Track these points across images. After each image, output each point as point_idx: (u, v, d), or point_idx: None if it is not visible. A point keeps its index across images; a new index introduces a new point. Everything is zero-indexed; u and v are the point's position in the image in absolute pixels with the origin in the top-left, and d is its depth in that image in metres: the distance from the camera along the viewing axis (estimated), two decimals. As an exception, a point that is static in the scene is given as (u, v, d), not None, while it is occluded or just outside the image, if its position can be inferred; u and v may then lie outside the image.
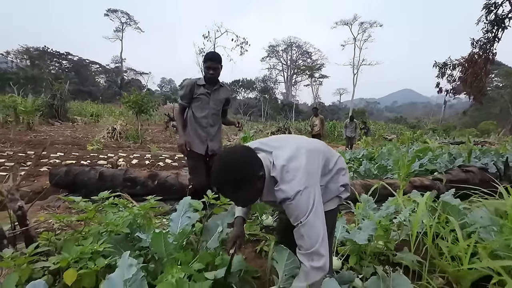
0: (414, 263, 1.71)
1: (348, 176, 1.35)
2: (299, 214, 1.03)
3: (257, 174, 1.08)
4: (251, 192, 1.11)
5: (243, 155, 1.10)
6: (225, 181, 1.05)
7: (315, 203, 1.04)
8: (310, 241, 1.02)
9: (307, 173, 1.08)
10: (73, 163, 5.71)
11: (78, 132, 13.00)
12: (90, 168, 3.28)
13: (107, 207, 1.54)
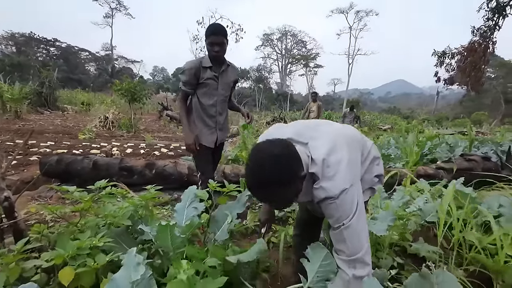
0: (431, 253, 1.64)
1: (382, 166, 1.22)
2: (342, 216, 0.90)
3: (300, 174, 0.91)
4: (291, 194, 0.95)
5: (286, 152, 0.90)
6: (265, 183, 0.88)
7: (359, 204, 0.92)
8: (353, 246, 0.90)
9: (350, 167, 0.94)
10: (65, 152, 5.49)
11: (68, 121, 12.61)
12: (83, 157, 3.11)
13: (105, 198, 1.40)
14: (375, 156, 1.18)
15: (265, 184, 0.88)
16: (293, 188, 0.92)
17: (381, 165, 1.21)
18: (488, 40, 7.43)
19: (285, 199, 0.98)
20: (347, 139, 1.04)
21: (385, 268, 1.46)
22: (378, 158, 1.21)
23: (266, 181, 0.87)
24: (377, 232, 1.47)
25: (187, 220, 1.42)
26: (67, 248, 1.04)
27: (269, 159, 0.87)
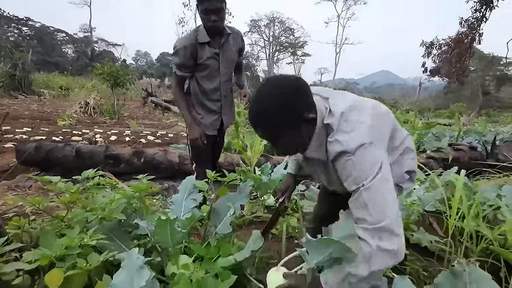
0: (433, 244, 1.63)
1: (416, 162, 1.06)
2: (361, 175, 0.76)
3: (306, 114, 0.82)
4: (296, 138, 0.85)
5: (295, 84, 0.82)
6: (264, 116, 0.81)
7: (383, 167, 0.77)
8: (377, 212, 0.74)
9: (372, 128, 0.81)
10: (43, 139, 5.16)
11: (46, 106, 11.92)
12: (64, 144, 2.90)
13: (93, 189, 1.26)
14: (408, 148, 1.01)
15: (265, 117, 0.81)
16: (297, 129, 0.83)
17: (414, 161, 1.04)
18: (475, 32, 7.55)
19: (288, 142, 0.87)
20: (375, 109, 0.90)
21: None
22: (412, 151, 1.03)
23: (266, 113, 0.80)
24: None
25: (186, 212, 1.32)
26: (54, 247, 0.91)
27: (274, 89, 0.81)
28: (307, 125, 0.85)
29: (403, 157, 1.00)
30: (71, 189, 1.25)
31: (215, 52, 1.72)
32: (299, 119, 0.82)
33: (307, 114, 0.82)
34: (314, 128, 0.86)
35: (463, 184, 1.98)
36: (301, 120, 0.82)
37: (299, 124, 0.83)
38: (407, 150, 1.01)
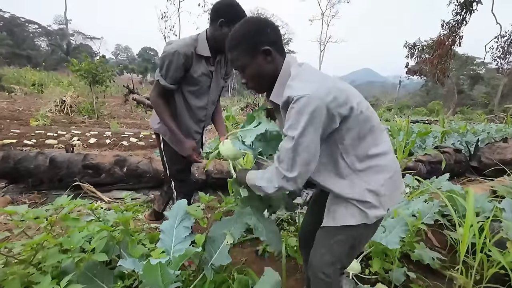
0: (435, 261, 1.58)
1: (392, 188, 0.95)
2: (297, 124, 0.84)
3: (258, 45, 0.95)
4: (253, 67, 0.97)
5: (248, 23, 0.99)
6: (231, 42, 0.99)
7: (313, 124, 0.83)
8: (295, 166, 0.88)
9: (331, 88, 0.86)
10: (13, 143, 4.75)
11: (17, 104, 11.14)
12: (37, 153, 2.63)
13: (69, 221, 1.08)
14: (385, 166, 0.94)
15: (230, 42, 0.99)
16: (252, 59, 0.96)
17: (382, 180, 0.92)
18: (455, 35, 7.77)
19: (252, 72, 0.99)
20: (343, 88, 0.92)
21: (397, 283, 1.36)
22: (388, 172, 0.94)
23: (231, 39, 0.98)
24: (389, 245, 1.35)
25: (177, 243, 1.18)
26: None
27: (244, 23, 0.99)
28: (264, 57, 0.96)
29: (370, 172, 0.93)
30: (42, 220, 1.07)
31: (210, 70, 1.53)
32: (255, 49, 0.95)
33: (261, 45, 0.94)
34: (275, 64, 0.98)
35: (458, 195, 1.96)
36: (257, 50, 0.95)
37: (256, 53, 0.95)
38: (379, 168, 0.93)
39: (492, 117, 20.69)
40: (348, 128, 0.90)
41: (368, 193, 0.92)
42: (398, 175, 1.00)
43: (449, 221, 2.13)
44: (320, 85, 0.86)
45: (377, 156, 0.94)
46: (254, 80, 1.01)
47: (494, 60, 10.50)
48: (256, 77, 1.00)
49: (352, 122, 0.89)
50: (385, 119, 14.69)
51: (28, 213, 1.07)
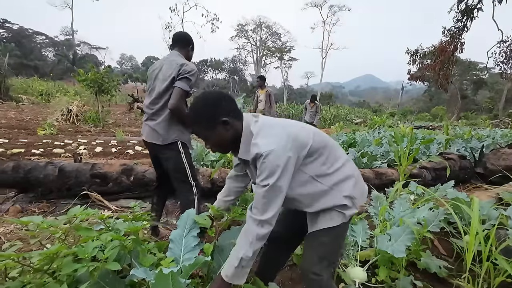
0: (442, 270, 1.58)
1: (359, 189, 1.15)
2: (272, 172, 0.96)
3: (218, 118, 1.06)
4: (216, 137, 1.08)
5: (211, 97, 1.09)
6: (191, 118, 1.09)
7: (289, 169, 0.98)
8: (269, 207, 1.00)
9: (289, 134, 1.01)
10: (22, 152, 4.84)
11: (24, 113, 11.35)
12: (46, 163, 2.69)
13: (82, 231, 1.12)
14: (348, 175, 1.12)
15: (191, 119, 1.09)
16: (216, 131, 1.06)
17: (356, 188, 1.12)
18: (457, 41, 7.81)
19: (214, 140, 1.10)
20: (307, 127, 1.12)
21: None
22: (352, 178, 1.13)
23: (191, 117, 1.09)
24: (395, 253, 1.36)
25: (186, 252, 1.20)
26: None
27: (200, 99, 1.08)
28: (223, 127, 1.06)
29: (344, 181, 1.11)
30: (56, 231, 1.11)
31: None
32: (214, 122, 1.06)
33: (219, 118, 1.05)
34: (235, 130, 1.08)
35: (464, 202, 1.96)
36: (215, 123, 1.06)
37: (215, 126, 1.06)
38: (348, 176, 1.12)
39: (497, 122, 20.56)
40: (312, 160, 1.07)
41: (344, 198, 1.10)
42: (360, 177, 1.20)
43: (455, 229, 2.13)
44: (280, 138, 1.00)
45: (341, 168, 1.12)
46: (217, 147, 1.14)
47: (497, 65, 10.47)
48: (218, 144, 1.12)
49: (314, 153, 1.07)
50: (388, 125, 14.70)
51: (43, 223, 1.11)
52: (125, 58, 71.99)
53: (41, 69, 37.35)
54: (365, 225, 1.69)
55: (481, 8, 7.38)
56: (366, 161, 4.05)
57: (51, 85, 21.64)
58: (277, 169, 0.96)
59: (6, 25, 43.84)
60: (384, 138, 6.20)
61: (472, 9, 7.58)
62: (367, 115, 26.37)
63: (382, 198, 2.10)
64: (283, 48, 50.55)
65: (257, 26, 49.64)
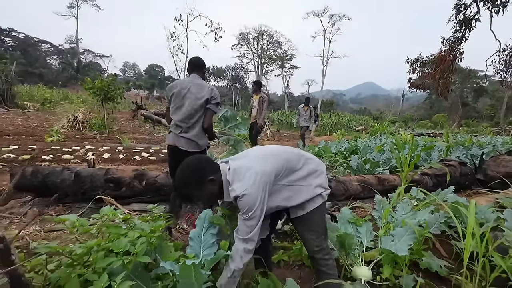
0: (443, 269, 1.67)
1: (325, 177, 1.45)
2: (249, 208, 1.19)
3: (205, 179, 1.26)
4: (206, 193, 1.29)
5: (195, 163, 1.31)
6: (181, 184, 1.28)
7: (262, 202, 1.21)
8: (251, 231, 1.22)
9: (258, 175, 1.22)
10: (33, 157, 4.97)
11: (30, 120, 11.53)
12: (63, 168, 2.81)
13: (111, 228, 1.23)
14: (313, 169, 1.40)
15: (181, 185, 1.28)
16: (204, 188, 1.27)
17: (321, 177, 1.42)
18: (456, 51, 7.98)
19: (204, 196, 1.31)
20: (266, 156, 1.34)
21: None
22: (316, 171, 1.41)
23: (181, 183, 1.28)
24: (399, 252, 1.46)
25: (206, 248, 1.31)
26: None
27: (185, 167, 1.29)
28: (211, 183, 1.27)
29: (309, 177, 1.38)
30: (89, 229, 1.22)
31: None
32: (202, 183, 1.27)
33: (207, 177, 1.26)
34: (217, 184, 1.28)
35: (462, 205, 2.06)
36: (203, 183, 1.26)
37: (204, 184, 1.27)
38: (311, 172, 1.39)
39: (498, 129, 20.63)
40: (280, 177, 1.31)
41: (315, 188, 1.38)
42: (324, 168, 1.48)
43: (456, 232, 2.22)
44: (249, 179, 1.22)
45: (302, 168, 1.38)
46: (209, 200, 1.39)
47: (497, 73, 10.63)
48: (210, 199, 1.34)
49: (280, 172, 1.31)
50: (389, 132, 14.81)
51: (78, 221, 1.22)
52: (128, 66, 72.85)
53: (46, 77, 37.86)
54: (369, 226, 1.79)
55: (478, 19, 7.58)
56: (368, 168, 4.15)
57: (56, 93, 21.96)
58: (252, 205, 1.19)
59: (12, 33, 44.69)
60: (386, 145, 6.31)
61: (470, 19, 7.79)
62: (368, 122, 26.48)
63: (385, 202, 2.20)
64: (284, 56, 51.11)
65: (258, 35, 50.35)
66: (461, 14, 7.79)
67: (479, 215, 2.08)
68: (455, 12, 7.90)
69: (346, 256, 1.68)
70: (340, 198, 3.29)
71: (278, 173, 1.30)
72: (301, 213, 1.38)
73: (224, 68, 55.88)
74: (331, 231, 1.75)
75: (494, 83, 35.23)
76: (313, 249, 1.40)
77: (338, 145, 6.69)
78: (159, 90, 52.22)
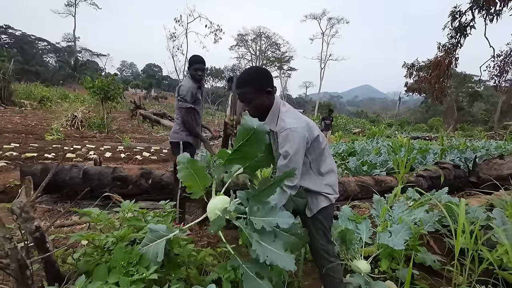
0: (436, 263, 1.79)
1: (336, 179, 1.48)
2: (291, 147, 1.25)
3: (265, 87, 1.33)
4: (258, 101, 1.34)
5: (259, 70, 1.43)
6: (243, 81, 1.34)
7: (300, 147, 1.27)
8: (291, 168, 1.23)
9: (308, 123, 1.33)
10: (35, 156, 5.03)
11: (28, 118, 11.51)
12: (71, 166, 2.90)
13: (133, 220, 1.33)
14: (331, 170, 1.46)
15: (242, 82, 1.34)
16: (261, 97, 1.33)
17: (334, 178, 1.46)
18: (451, 56, 8.18)
19: (257, 104, 1.35)
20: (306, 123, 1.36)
21: (403, 280, 1.57)
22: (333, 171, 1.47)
23: (244, 80, 1.34)
24: (396, 246, 1.57)
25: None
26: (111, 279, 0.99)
27: (252, 69, 1.43)
28: (267, 95, 1.35)
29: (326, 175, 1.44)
30: (112, 222, 1.32)
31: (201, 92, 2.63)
32: (263, 89, 1.33)
33: (267, 87, 1.34)
34: (271, 101, 1.37)
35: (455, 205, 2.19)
36: (264, 90, 1.33)
37: (262, 92, 1.33)
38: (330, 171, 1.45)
39: (492, 134, 21.00)
40: (313, 149, 1.38)
41: (326, 186, 1.43)
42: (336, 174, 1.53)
43: (449, 231, 2.35)
44: (301, 122, 1.30)
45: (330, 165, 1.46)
46: (256, 110, 1.38)
47: (492, 78, 10.88)
48: (258, 108, 1.37)
49: (315, 144, 1.38)
50: (386, 135, 15.04)
51: (101, 214, 1.32)
52: (126, 65, 72.64)
53: (42, 75, 37.64)
54: (368, 224, 1.91)
55: (473, 26, 7.79)
56: (366, 169, 4.28)
57: (53, 91, 21.86)
58: (296, 142, 1.25)
59: (9, 31, 44.33)
60: (383, 148, 6.45)
61: (465, 26, 8.00)
62: (365, 125, 26.76)
63: (382, 201, 2.33)
64: (282, 58, 51.41)
65: (257, 36, 50.61)
66: (457, 21, 8.00)
67: (471, 214, 2.21)
68: (450, 19, 8.11)
69: (346, 250, 1.79)
70: (339, 198, 3.40)
71: (315, 140, 1.37)
72: (310, 213, 1.44)
73: (222, 69, 56.03)
74: (333, 228, 1.86)
75: (489, 88, 35.81)
76: (317, 244, 1.44)
77: (336, 147, 6.83)
78: (156, 89, 52.15)
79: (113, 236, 1.15)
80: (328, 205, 1.43)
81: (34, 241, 1.06)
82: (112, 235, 1.16)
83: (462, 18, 7.95)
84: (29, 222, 1.05)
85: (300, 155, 1.28)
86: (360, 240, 1.84)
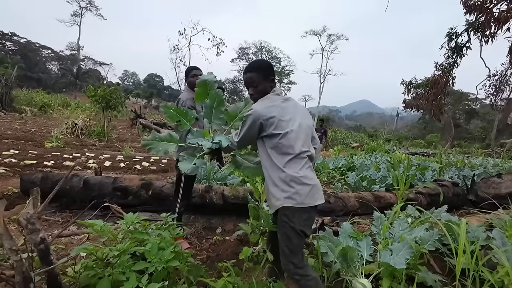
0: (437, 283, 1.78)
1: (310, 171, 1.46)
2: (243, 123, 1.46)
3: (269, 75, 1.57)
4: (261, 85, 1.54)
5: (266, 61, 1.69)
6: (253, 66, 1.59)
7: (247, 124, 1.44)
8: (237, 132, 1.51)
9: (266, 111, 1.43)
10: (34, 164, 5.01)
11: (28, 125, 11.54)
12: (72, 175, 2.89)
13: (136, 233, 1.33)
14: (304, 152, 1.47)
15: (255, 68, 1.57)
16: (264, 81, 1.54)
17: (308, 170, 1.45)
18: (448, 75, 8.37)
19: (259, 88, 1.54)
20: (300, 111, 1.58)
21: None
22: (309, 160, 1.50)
23: (254, 65, 1.60)
24: (396, 265, 1.57)
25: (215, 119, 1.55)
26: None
27: (260, 59, 1.69)
28: (270, 82, 1.57)
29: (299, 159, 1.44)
30: (115, 235, 1.32)
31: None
32: (267, 76, 1.56)
33: (271, 76, 1.57)
34: (270, 88, 1.56)
35: (455, 224, 2.20)
36: (268, 77, 1.56)
37: (267, 79, 1.55)
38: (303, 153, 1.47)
39: (489, 151, 21.13)
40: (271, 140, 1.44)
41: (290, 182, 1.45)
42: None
43: (449, 250, 2.34)
44: (260, 106, 1.44)
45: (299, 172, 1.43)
46: (257, 93, 1.55)
47: (488, 96, 11.08)
48: (259, 92, 1.56)
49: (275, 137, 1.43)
50: (384, 150, 15.11)
51: (104, 226, 1.32)
52: (128, 74, 73.46)
53: (44, 82, 37.94)
54: (369, 241, 1.91)
55: (469, 46, 8.02)
56: (365, 185, 4.29)
57: (54, 98, 21.98)
58: (247, 121, 1.42)
59: (14, 38, 45.00)
60: (382, 163, 6.48)
61: (461, 47, 8.23)
62: (364, 139, 26.89)
63: (383, 218, 2.33)
64: (283, 72, 52.19)
65: (258, 50, 51.57)
66: (453, 42, 8.23)
67: (471, 234, 2.21)
68: (447, 40, 8.35)
69: (347, 268, 1.79)
70: (339, 213, 3.40)
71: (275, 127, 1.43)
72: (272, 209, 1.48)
73: (223, 80, 56.71)
74: (333, 245, 1.86)
75: (485, 106, 36.34)
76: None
77: (335, 162, 6.85)
78: (157, 99, 52.53)
79: (117, 250, 1.15)
80: (293, 207, 1.34)
81: (38, 253, 1.06)
82: (115, 248, 1.16)
83: (458, 39, 8.20)
84: (34, 234, 1.05)
85: (245, 130, 1.45)
86: (361, 258, 1.83)
